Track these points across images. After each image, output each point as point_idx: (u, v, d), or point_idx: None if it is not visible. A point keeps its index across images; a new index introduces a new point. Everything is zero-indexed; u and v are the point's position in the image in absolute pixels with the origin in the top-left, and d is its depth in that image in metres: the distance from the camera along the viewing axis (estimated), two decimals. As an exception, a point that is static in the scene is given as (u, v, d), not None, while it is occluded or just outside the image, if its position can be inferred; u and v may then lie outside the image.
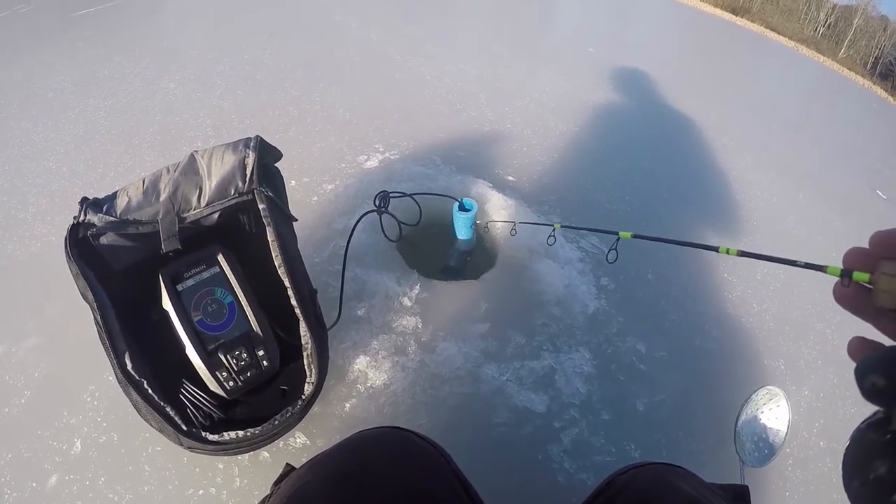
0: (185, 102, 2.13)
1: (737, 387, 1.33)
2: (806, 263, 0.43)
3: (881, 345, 0.32)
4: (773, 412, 1.20)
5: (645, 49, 5.17)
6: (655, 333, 1.41)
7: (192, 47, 2.69)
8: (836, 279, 0.34)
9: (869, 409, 0.28)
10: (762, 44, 10.34)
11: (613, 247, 0.88)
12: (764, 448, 1.15)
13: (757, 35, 12.47)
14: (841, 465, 0.30)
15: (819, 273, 0.39)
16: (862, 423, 0.30)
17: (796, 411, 1.29)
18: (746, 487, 0.69)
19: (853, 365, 0.29)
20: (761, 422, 1.19)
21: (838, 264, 0.33)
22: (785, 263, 0.47)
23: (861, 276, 0.31)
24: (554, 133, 2.39)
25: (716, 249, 0.60)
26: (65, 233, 0.80)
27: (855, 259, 0.32)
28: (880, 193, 3.29)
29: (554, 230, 1.20)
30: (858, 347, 0.33)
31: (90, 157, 1.75)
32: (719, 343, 1.46)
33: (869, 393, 0.27)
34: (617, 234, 0.86)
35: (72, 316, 1.19)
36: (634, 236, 0.82)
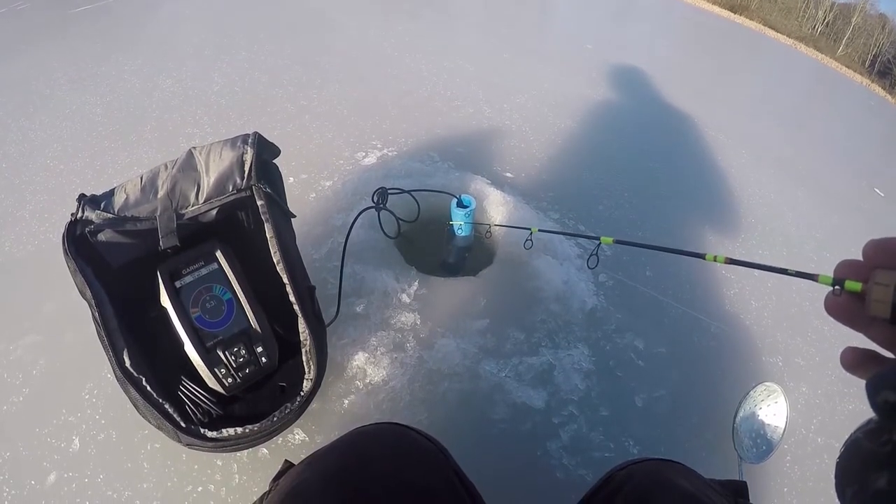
0: (182, 99, 2.13)
1: (735, 383, 1.34)
2: (797, 272, 0.42)
3: (875, 353, 0.31)
4: (771, 409, 1.20)
5: (643, 46, 5.16)
6: (654, 330, 1.41)
7: (189, 44, 2.68)
8: (828, 288, 0.33)
9: (866, 405, 0.28)
10: (760, 41, 10.34)
11: (594, 252, 0.87)
12: (762, 444, 1.15)
13: (755, 33, 12.47)
14: (833, 473, 0.30)
15: (818, 270, 0.39)
16: (856, 430, 0.30)
17: (794, 408, 1.29)
18: (745, 483, 0.69)
19: None
20: (759, 418, 1.19)
21: (835, 263, 0.33)
22: (775, 272, 0.46)
23: (853, 286, 0.31)
24: (552, 130, 2.39)
25: (702, 257, 0.59)
26: (62, 230, 0.80)
27: (847, 270, 0.32)
28: (878, 191, 3.29)
29: (531, 234, 1.19)
30: (853, 358, 0.33)
31: (88, 154, 1.74)
32: (717, 339, 1.46)
33: (881, 409, 0.27)
34: (598, 239, 0.86)
35: (70, 313, 1.19)
36: (616, 242, 0.82)
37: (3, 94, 2.12)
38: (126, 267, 0.88)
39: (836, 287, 0.32)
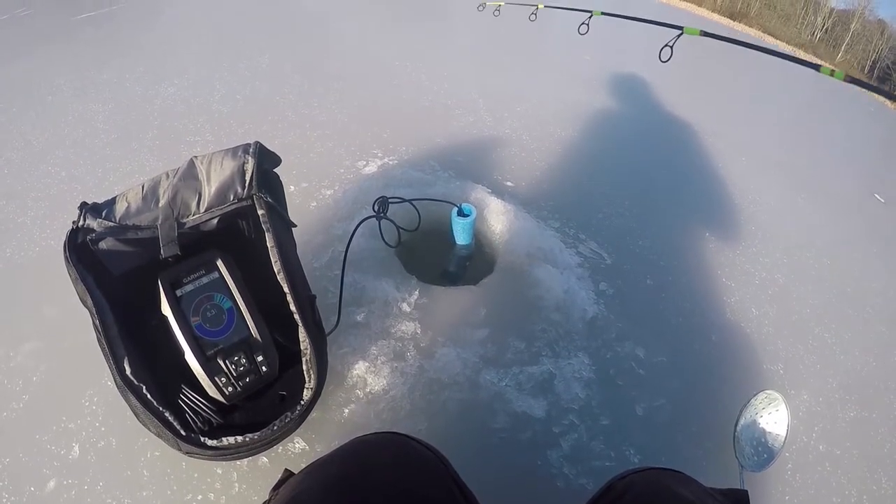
0: (184, 107, 2.14)
1: (736, 391, 1.33)
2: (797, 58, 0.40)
3: None
4: (772, 416, 1.20)
5: (643, 54, 5.18)
6: (654, 338, 1.41)
7: (191, 52, 2.69)
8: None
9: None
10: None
11: (670, 43, 0.84)
12: (763, 452, 1.15)
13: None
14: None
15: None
16: None
17: (795, 416, 1.29)
18: (746, 492, 0.69)
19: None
20: (760, 426, 1.19)
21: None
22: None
23: None
24: (552, 138, 2.39)
25: (817, 68, 0.57)
26: (64, 237, 0.80)
27: None
28: (878, 197, 3.29)
29: (591, 17, 1.15)
30: None
31: (89, 161, 1.75)
32: (718, 348, 1.46)
33: None
34: (681, 28, 0.83)
35: (70, 320, 1.18)
36: (703, 33, 0.80)
37: (6, 99, 2.13)
38: (127, 275, 0.88)
39: None
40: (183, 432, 0.78)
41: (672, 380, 1.32)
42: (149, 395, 0.77)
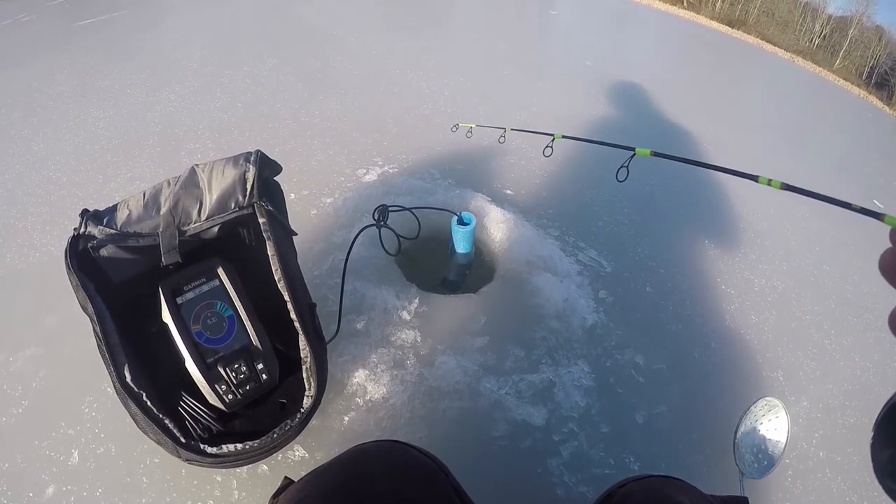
0: (185, 114, 2.15)
1: (736, 398, 1.33)
2: (861, 208, 0.41)
3: None
4: (772, 423, 1.20)
5: (642, 62, 5.20)
6: (654, 346, 1.41)
7: (192, 60, 2.71)
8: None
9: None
10: (758, 56, 10.42)
11: (625, 164, 0.87)
12: (763, 459, 1.15)
13: (753, 47, 12.57)
14: (872, 434, 0.29)
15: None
16: None
17: (795, 422, 1.29)
18: (746, 499, 0.69)
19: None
20: (760, 433, 1.19)
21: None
22: (837, 204, 0.45)
23: None
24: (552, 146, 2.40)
25: (755, 179, 0.58)
26: (65, 244, 0.80)
27: None
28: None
29: (553, 140, 1.18)
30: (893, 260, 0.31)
31: (90, 167, 1.76)
32: (718, 355, 1.46)
33: None
34: (633, 150, 0.85)
35: (71, 327, 1.19)
36: (654, 154, 0.81)
37: (7, 105, 2.14)
38: (128, 282, 0.88)
39: None
40: (183, 439, 0.78)
41: (672, 387, 1.32)
42: (149, 402, 0.77)
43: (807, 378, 1.50)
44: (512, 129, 1.44)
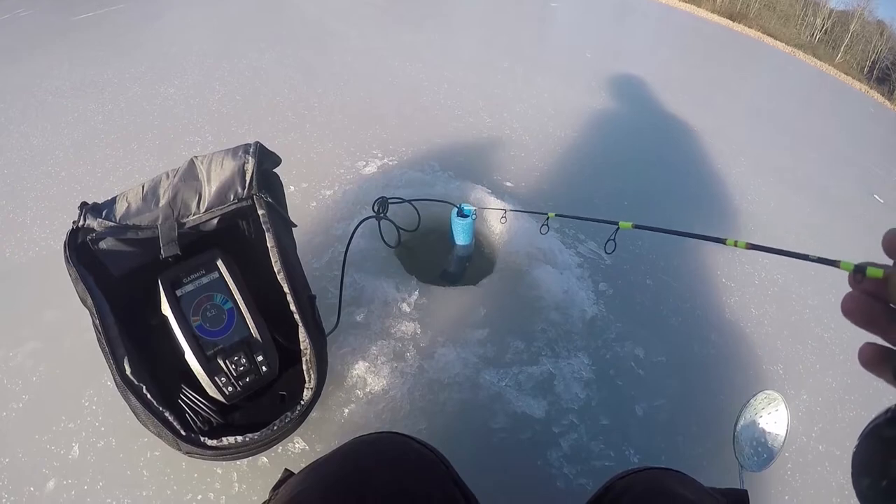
0: (184, 108, 2.14)
1: (735, 391, 1.33)
2: (819, 258, 0.41)
3: (894, 350, 0.30)
4: (771, 416, 1.20)
5: (642, 55, 5.19)
6: (654, 338, 1.41)
7: (191, 53, 2.69)
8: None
9: (867, 412, 0.28)
10: (759, 49, 10.39)
11: (612, 237, 0.88)
12: (763, 452, 1.15)
13: (754, 41, 12.53)
14: (851, 462, 0.29)
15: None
16: (875, 418, 0.29)
17: (795, 415, 1.29)
18: (745, 492, 0.69)
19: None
20: (760, 426, 1.19)
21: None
22: (796, 257, 0.46)
23: (875, 272, 0.29)
24: (552, 139, 2.39)
25: (723, 242, 0.59)
26: (64, 237, 0.80)
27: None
28: (877, 197, 3.30)
29: (548, 219, 1.20)
30: (871, 354, 0.31)
31: (89, 161, 1.75)
32: (718, 348, 1.46)
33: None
34: (616, 224, 0.86)
35: (70, 320, 1.19)
36: (635, 226, 0.82)
37: (5, 99, 2.13)
38: (127, 275, 0.88)
39: (858, 274, 0.31)
40: (183, 432, 0.78)
41: (672, 380, 1.32)
42: (149, 395, 0.77)
43: (806, 371, 1.50)
44: (510, 210, 1.46)
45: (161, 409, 0.78)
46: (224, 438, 0.80)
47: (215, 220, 0.87)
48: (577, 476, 1.06)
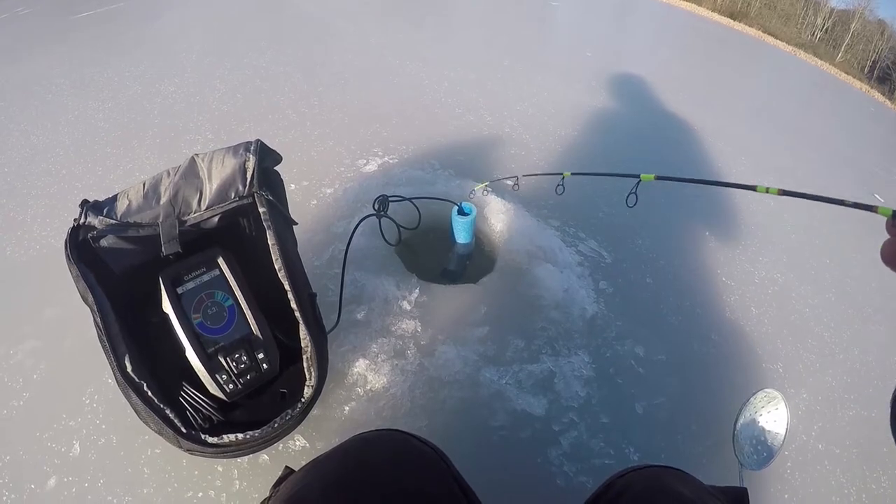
0: (184, 106, 2.14)
1: (735, 390, 1.33)
2: (855, 203, 0.41)
3: None
4: (771, 415, 1.20)
5: (643, 54, 5.18)
6: (654, 337, 1.41)
7: (191, 51, 2.69)
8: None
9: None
10: (760, 48, 10.37)
11: (633, 190, 0.88)
12: (763, 451, 1.15)
13: (755, 40, 12.51)
14: (890, 424, 0.29)
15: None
16: None
17: (795, 414, 1.29)
18: (745, 490, 0.69)
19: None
20: (760, 425, 1.19)
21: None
22: (831, 202, 0.45)
23: None
24: (552, 137, 2.39)
25: (753, 189, 0.59)
26: (65, 235, 0.80)
27: None
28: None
29: (563, 179, 1.19)
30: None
31: (89, 159, 1.75)
32: (718, 346, 1.46)
33: None
34: (638, 176, 0.86)
35: (71, 318, 1.19)
36: (658, 178, 0.82)
37: (6, 98, 2.13)
38: (128, 273, 0.88)
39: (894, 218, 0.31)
40: (183, 429, 0.78)
41: (672, 378, 1.32)
42: (149, 393, 0.77)
43: (806, 370, 1.50)
44: (524, 176, 1.45)
45: (162, 406, 0.78)
46: (225, 436, 0.80)
47: (216, 218, 0.88)
48: (577, 474, 1.07)
